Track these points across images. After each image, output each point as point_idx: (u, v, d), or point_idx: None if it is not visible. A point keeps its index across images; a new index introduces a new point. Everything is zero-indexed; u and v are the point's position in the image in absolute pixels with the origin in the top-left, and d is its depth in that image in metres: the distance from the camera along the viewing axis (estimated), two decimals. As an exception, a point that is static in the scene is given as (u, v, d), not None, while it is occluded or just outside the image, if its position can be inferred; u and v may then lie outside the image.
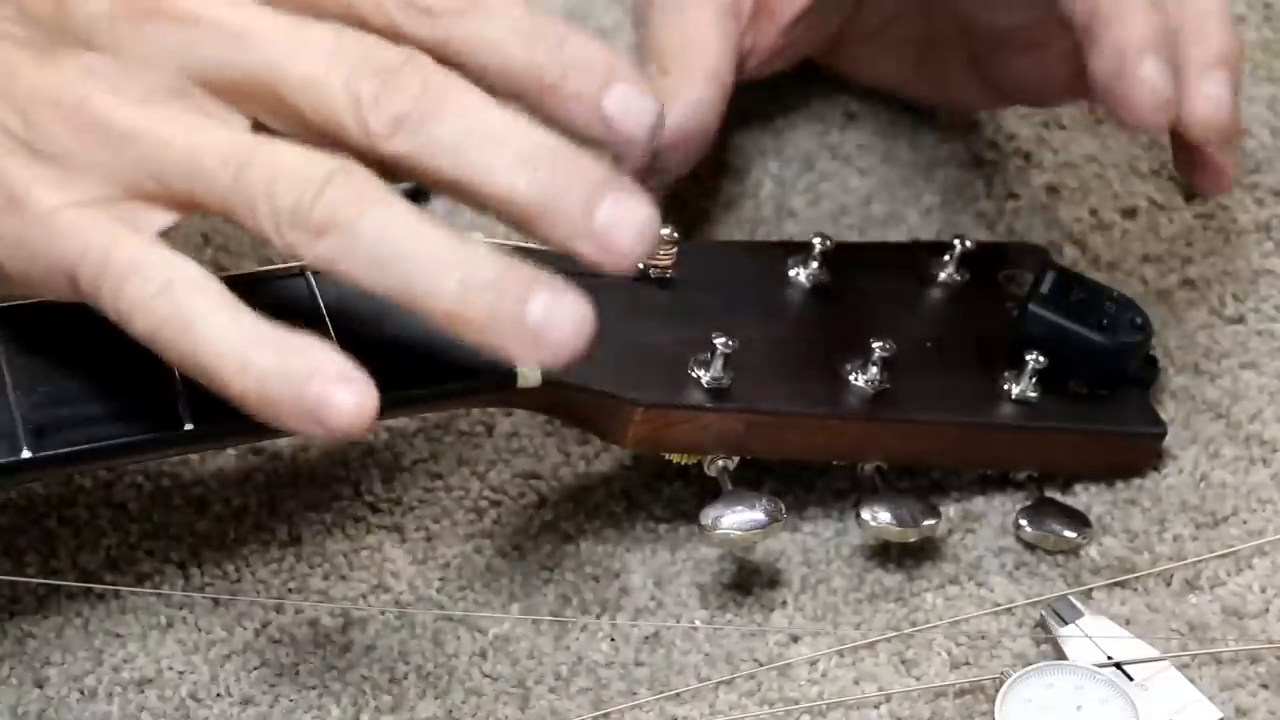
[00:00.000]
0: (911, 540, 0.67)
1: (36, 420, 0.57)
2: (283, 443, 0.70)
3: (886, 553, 0.68)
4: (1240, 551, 0.69)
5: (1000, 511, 0.70)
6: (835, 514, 0.69)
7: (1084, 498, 0.70)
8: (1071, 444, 0.69)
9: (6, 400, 0.57)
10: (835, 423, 0.66)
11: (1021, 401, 0.68)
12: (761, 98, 0.82)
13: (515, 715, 0.64)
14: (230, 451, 0.69)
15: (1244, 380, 0.73)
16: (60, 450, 0.57)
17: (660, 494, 0.70)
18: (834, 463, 0.69)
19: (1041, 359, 0.67)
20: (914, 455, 0.68)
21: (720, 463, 0.65)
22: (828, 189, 0.79)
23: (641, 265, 0.66)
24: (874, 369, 0.66)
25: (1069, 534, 0.68)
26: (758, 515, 0.64)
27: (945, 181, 0.80)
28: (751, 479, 0.66)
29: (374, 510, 0.69)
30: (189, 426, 0.57)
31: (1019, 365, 0.68)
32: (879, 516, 0.66)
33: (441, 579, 0.67)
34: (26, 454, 0.56)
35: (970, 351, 0.69)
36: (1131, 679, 0.64)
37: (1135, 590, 0.68)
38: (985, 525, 0.69)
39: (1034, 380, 0.68)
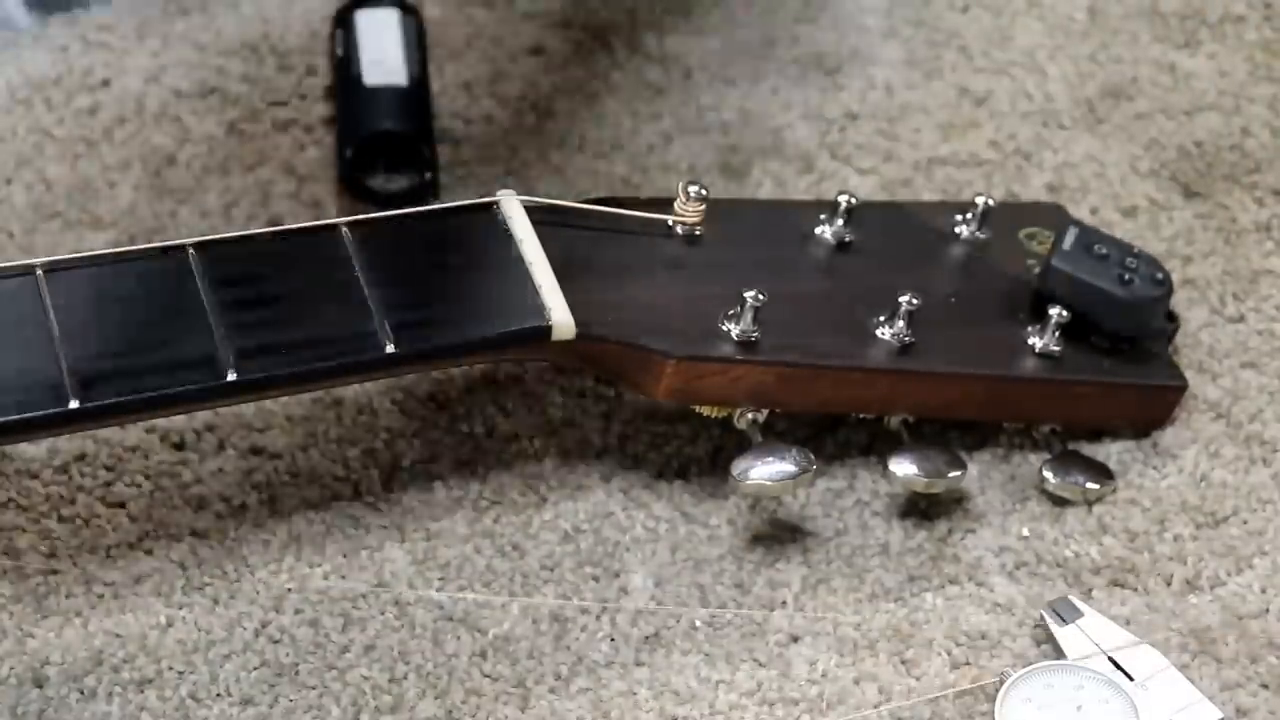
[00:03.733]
0: (937, 491, 0.68)
1: (83, 372, 0.58)
2: (282, 443, 0.70)
3: (887, 551, 0.68)
4: (1240, 551, 0.69)
5: (1000, 512, 0.70)
6: (835, 514, 0.69)
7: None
8: (1094, 396, 0.70)
9: (55, 352, 0.58)
10: (863, 375, 0.67)
11: (1045, 355, 0.69)
12: (761, 97, 0.82)
13: (515, 715, 0.64)
14: (230, 451, 0.69)
15: (1244, 380, 0.73)
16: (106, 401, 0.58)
17: (660, 494, 0.70)
18: (860, 416, 0.70)
19: (1064, 313, 0.68)
20: (940, 407, 0.69)
21: (750, 416, 0.66)
22: (828, 189, 0.79)
23: (670, 222, 0.68)
24: (901, 322, 0.67)
25: (1093, 485, 0.69)
26: (788, 466, 0.65)
27: (945, 181, 0.80)
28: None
29: (374, 510, 0.69)
30: (231, 378, 0.59)
31: (1042, 319, 0.69)
32: (906, 468, 0.67)
33: (441, 579, 0.67)
34: (74, 405, 0.57)
35: (993, 306, 0.70)
36: (1132, 679, 0.64)
37: (1135, 590, 0.68)
38: (985, 525, 0.69)
39: (1057, 334, 0.69)
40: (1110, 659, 0.64)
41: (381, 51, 0.81)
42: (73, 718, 0.63)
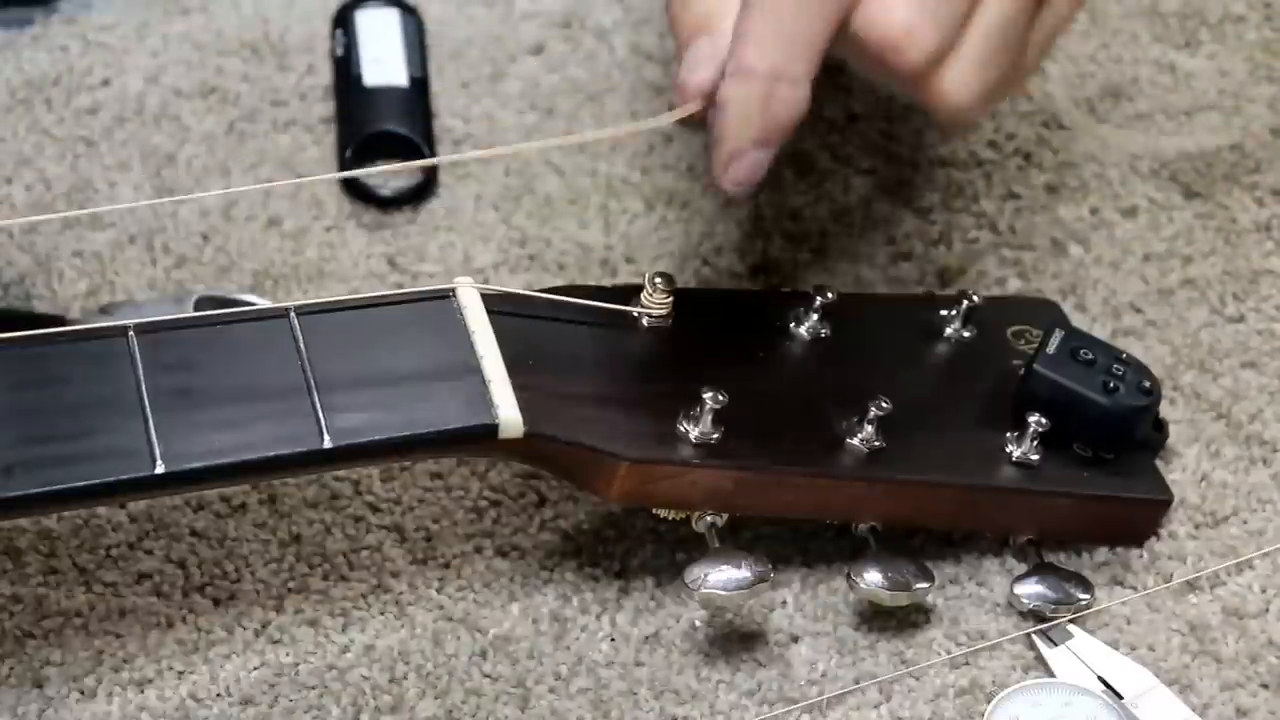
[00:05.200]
0: (903, 605, 0.65)
1: (7, 460, 0.56)
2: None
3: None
4: (1240, 551, 0.69)
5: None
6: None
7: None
8: (1072, 508, 0.67)
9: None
10: (828, 482, 0.64)
11: (1022, 464, 0.66)
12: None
13: (515, 715, 0.64)
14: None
15: (1244, 380, 0.73)
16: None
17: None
18: (827, 522, 0.67)
19: (1044, 421, 0.65)
20: (910, 516, 0.66)
21: (709, 519, 0.64)
22: (829, 189, 0.79)
23: (636, 314, 0.65)
24: (869, 427, 0.64)
25: (1065, 606, 0.66)
26: (744, 574, 0.62)
27: (945, 181, 0.80)
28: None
29: (374, 510, 0.69)
30: (160, 469, 0.57)
31: (1021, 426, 0.66)
32: (870, 578, 0.64)
33: (441, 579, 0.67)
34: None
35: (972, 410, 0.67)
36: (1121, 697, 0.63)
37: (1135, 589, 0.67)
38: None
39: (1036, 442, 0.66)
40: (1100, 678, 0.64)
41: (381, 51, 0.81)
42: (73, 718, 0.63)
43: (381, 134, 0.78)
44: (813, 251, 0.77)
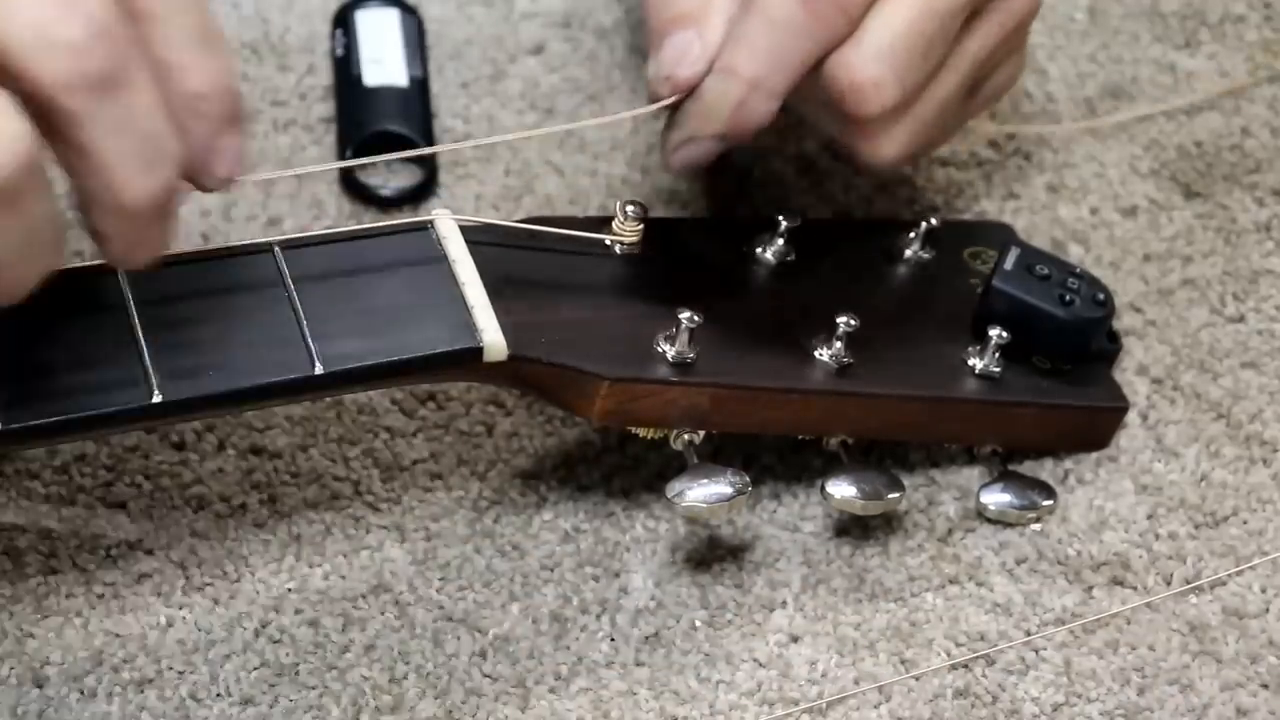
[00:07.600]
0: (875, 514, 0.68)
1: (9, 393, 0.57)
2: (282, 442, 0.70)
3: (886, 551, 0.68)
4: (1240, 552, 0.69)
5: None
6: (835, 513, 0.69)
7: (1083, 493, 0.70)
8: (1034, 417, 0.70)
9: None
10: (800, 397, 0.66)
11: (985, 376, 0.68)
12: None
13: (515, 715, 0.64)
14: (230, 451, 0.69)
15: (1244, 380, 0.73)
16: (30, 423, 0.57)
17: (660, 494, 0.70)
18: (800, 437, 0.69)
19: (1004, 334, 0.68)
20: (878, 429, 0.69)
21: (686, 437, 0.66)
22: (829, 189, 0.79)
23: (608, 242, 0.68)
24: (838, 344, 0.66)
25: (1030, 512, 0.69)
26: (723, 488, 0.64)
27: (945, 181, 0.80)
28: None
29: (374, 510, 0.69)
30: (158, 398, 0.58)
31: (982, 340, 0.68)
32: (843, 490, 0.66)
33: (441, 579, 0.67)
34: None
35: (935, 327, 0.70)
36: None
37: (1135, 589, 0.68)
38: (985, 524, 0.69)
39: (997, 355, 0.68)
40: None
41: (381, 51, 0.81)
42: (73, 718, 0.63)
43: (381, 134, 0.78)
44: (813, 251, 0.77)
